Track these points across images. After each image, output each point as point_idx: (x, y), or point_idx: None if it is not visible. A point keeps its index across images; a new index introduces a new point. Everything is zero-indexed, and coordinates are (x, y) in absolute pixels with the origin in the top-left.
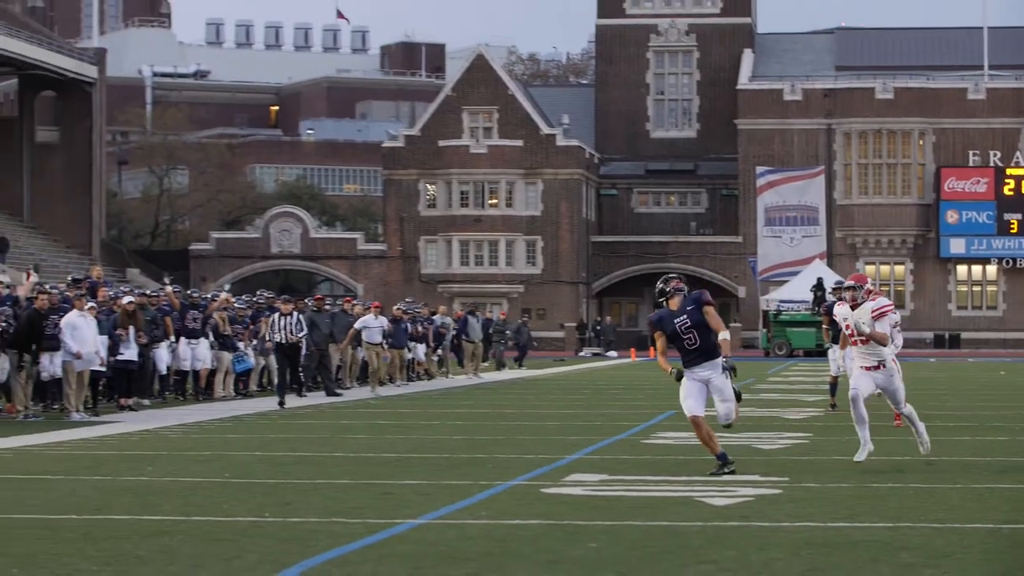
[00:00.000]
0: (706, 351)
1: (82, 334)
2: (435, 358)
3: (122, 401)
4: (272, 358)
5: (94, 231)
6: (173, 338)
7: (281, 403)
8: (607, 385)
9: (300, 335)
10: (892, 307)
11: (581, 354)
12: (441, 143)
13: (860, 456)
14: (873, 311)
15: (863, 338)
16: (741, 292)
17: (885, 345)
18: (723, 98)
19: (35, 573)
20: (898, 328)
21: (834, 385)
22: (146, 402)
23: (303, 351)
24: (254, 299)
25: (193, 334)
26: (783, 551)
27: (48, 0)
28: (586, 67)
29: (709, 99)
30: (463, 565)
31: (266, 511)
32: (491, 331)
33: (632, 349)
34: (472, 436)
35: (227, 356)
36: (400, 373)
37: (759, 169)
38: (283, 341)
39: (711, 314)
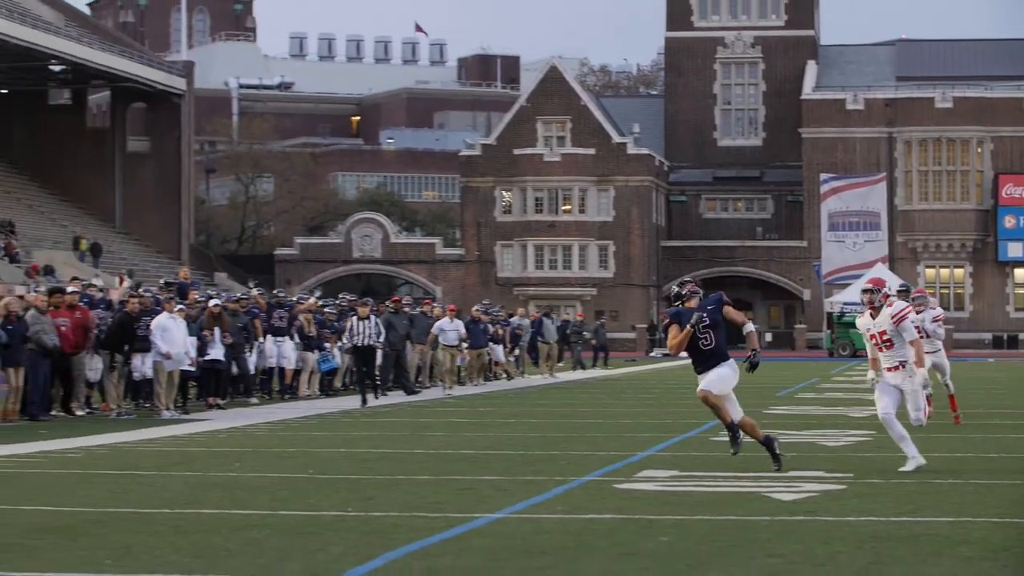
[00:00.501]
0: (718, 354)
1: (171, 335)
2: (512, 358)
3: (210, 400)
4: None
5: (183, 237)
6: (261, 338)
7: (364, 402)
8: (677, 384)
9: (378, 339)
10: (911, 309)
11: (651, 355)
12: (516, 151)
13: (908, 467)
14: (894, 316)
15: (887, 345)
16: (806, 295)
17: (921, 353)
18: (788, 108)
19: (129, 565)
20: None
21: None
22: (254, 400)
23: (378, 354)
24: (337, 302)
25: (279, 332)
26: (847, 544)
27: (139, 16)
28: (656, 78)
29: (774, 109)
30: (539, 558)
31: (349, 506)
32: (568, 332)
33: None
34: (547, 434)
35: (312, 356)
36: (479, 373)
37: (823, 176)
38: (360, 344)
39: (732, 312)
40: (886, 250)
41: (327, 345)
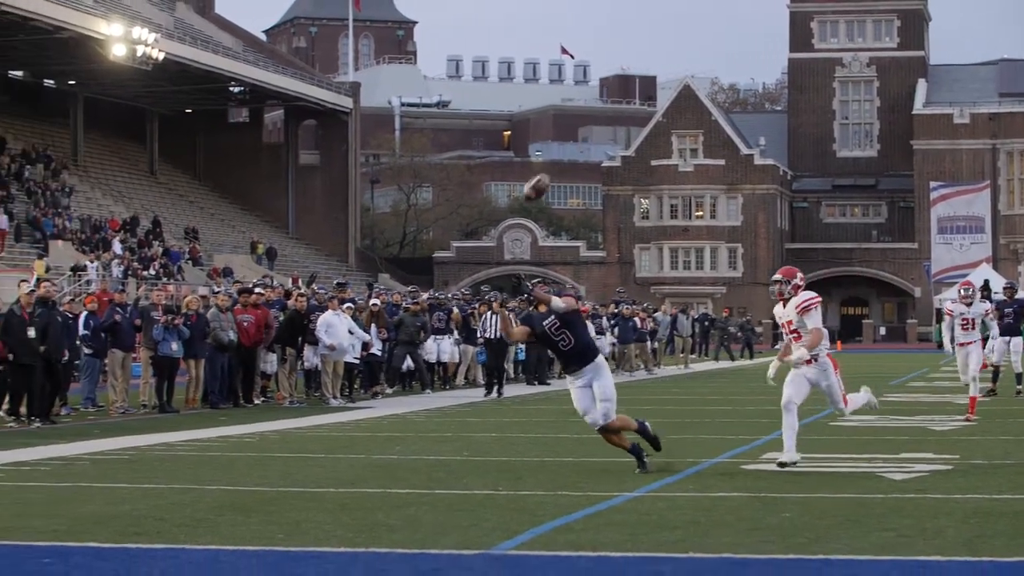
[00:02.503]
0: (580, 355)
1: (336, 331)
2: (651, 351)
3: (375, 389)
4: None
5: (350, 241)
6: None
7: (493, 392)
8: None
9: None
10: (818, 300)
11: (776, 347)
12: (653, 163)
13: (783, 458)
14: (798, 305)
15: (795, 336)
16: (917, 292)
17: (817, 343)
18: (900, 122)
19: (299, 539)
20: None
21: (996, 373)
22: (428, 392)
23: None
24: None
25: (438, 332)
26: (953, 520)
27: (310, 41)
28: (780, 95)
29: (888, 123)
30: (673, 532)
31: (500, 485)
32: (714, 327)
33: None
34: (681, 420)
35: (471, 349)
36: (624, 366)
37: (932, 184)
38: (491, 337)
39: (539, 293)
40: (990, 251)
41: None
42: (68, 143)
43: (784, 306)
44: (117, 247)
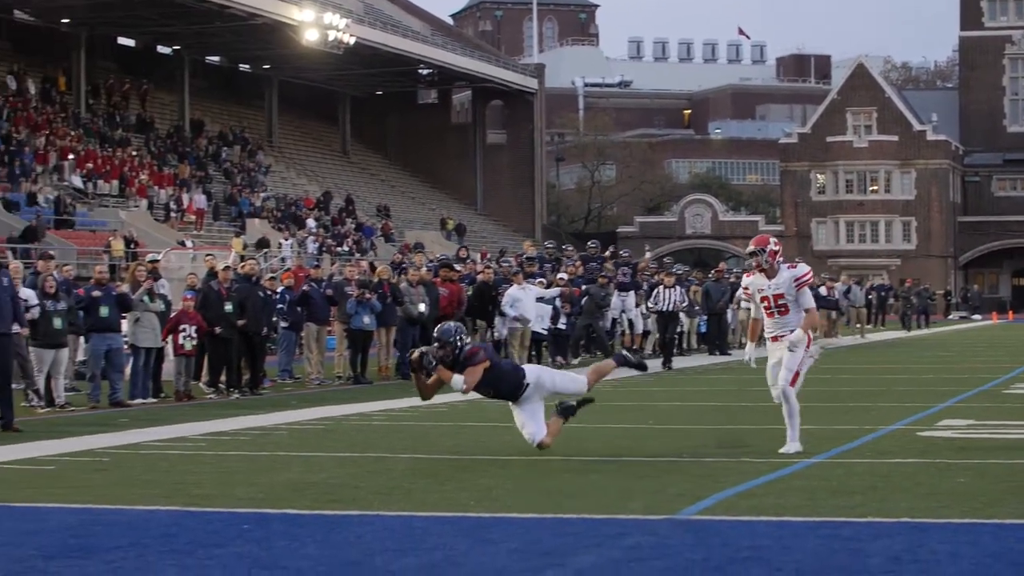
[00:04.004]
0: (511, 393)
1: (522, 304)
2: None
3: (558, 359)
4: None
5: (536, 217)
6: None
7: (668, 365)
8: (972, 343)
9: (682, 305)
10: (811, 275)
11: (950, 317)
12: (829, 139)
13: (787, 449)
14: (798, 278)
15: (780, 310)
16: None
17: (816, 324)
18: None
19: (489, 505)
20: None
21: None
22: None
23: (680, 319)
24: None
25: (623, 288)
26: None
27: (496, 24)
28: (951, 72)
29: None
30: (851, 497)
31: (683, 452)
32: (893, 297)
33: (994, 313)
34: (858, 388)
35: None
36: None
37: None
38: (663, 310)
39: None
40: None
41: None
42: (263, 125)
43: (767, 277)
44: (311, 224)
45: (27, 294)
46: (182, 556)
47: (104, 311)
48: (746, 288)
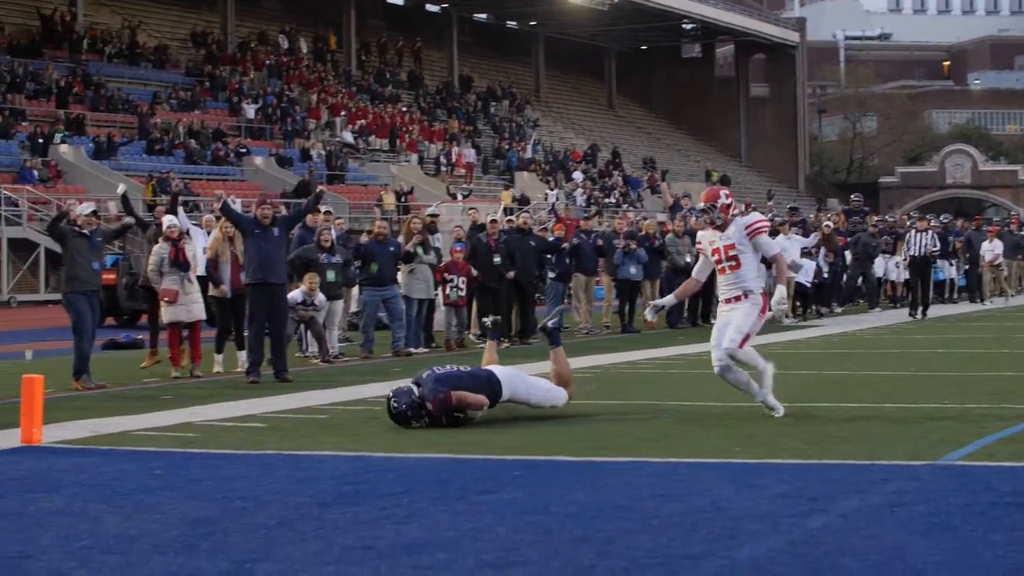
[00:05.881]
0: (492, 402)
1: (790, 255)
2: None
3: (821, 309)
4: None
5: (799, 169)
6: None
7: (911, 314)
8: None
9: (933, 250)
10: (767, 221)
11: None
12: None
13: (779, 413)
14: (748, 226)
15: (731, 264)
16: None
17: (785, 270)
18: None
19: (754, 451)
20: None
21: None
22: (878, 310)
23: (933, 266)
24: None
25: (885, 251)
26: None
27: None
28: None
29: None
30: None
31: (945, 399)
32: None
33: None
34: None
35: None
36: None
37: None
38: (915, 255)
39: None
40: None
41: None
42: (530, 80)
43: (722, 231)
44: (578, 177)
45: None
46: (453, 502)
47: (379, 265)
48: (698, 243)
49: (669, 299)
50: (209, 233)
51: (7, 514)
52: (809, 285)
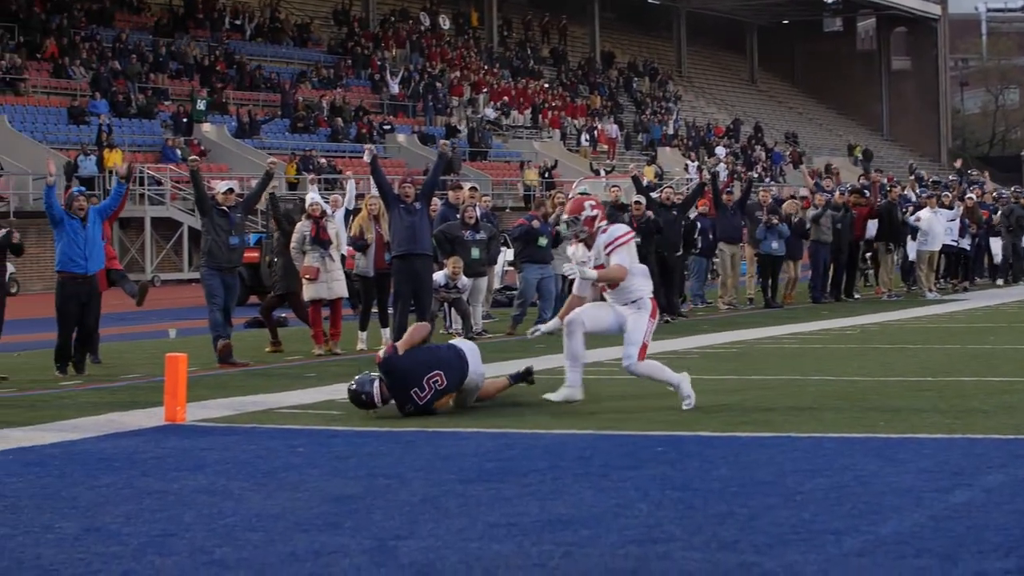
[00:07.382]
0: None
1: (931, 227)
2: None
3: (955, 283)
4: None
5: (941, 141)
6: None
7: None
8: None
9: None
10: (630, 236)
11: None
12: None
13: (557, 396)
14: (607, 244)
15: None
16: None
17: (615, 278)
18: None
19: (898, 426)
20: None
21: None
22: (999, 282)
23: None
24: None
25: None
26: None
27: None
28: None
29: None
30: None
31: None
32: None
33: None
34: None
35: None
36: None
37: None
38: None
39: None
40: None
41: None
42: (672, 55)
43: (588, 247)
44: (721, 152)
45: None
46: (597, 478)
47: (542, 242)
48: (583, 263)
49: (554, 323)
50: (334, 214)
51: (151, 492)
52: (956, 244)
